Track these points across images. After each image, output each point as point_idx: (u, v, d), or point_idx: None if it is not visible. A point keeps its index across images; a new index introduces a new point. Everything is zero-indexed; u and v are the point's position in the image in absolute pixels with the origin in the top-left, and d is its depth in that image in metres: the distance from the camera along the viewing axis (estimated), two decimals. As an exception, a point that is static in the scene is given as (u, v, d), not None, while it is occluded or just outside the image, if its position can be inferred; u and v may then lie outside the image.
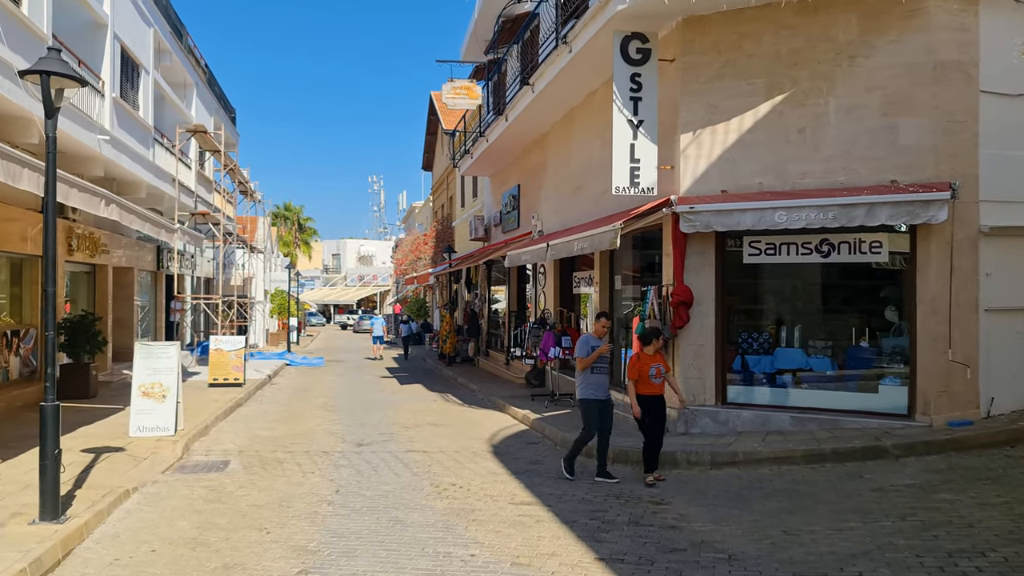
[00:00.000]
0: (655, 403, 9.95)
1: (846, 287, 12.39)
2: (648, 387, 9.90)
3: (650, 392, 9.91)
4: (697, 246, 12.22)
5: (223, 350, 20.49)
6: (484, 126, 23.24)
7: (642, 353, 10.06)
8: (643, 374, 9.86)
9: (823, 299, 12.71)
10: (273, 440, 13.12)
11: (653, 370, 9.89)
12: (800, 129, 11.65)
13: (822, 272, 12.25)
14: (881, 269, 11.72)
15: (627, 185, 12.32)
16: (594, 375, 10.15)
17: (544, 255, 15.44)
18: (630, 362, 10.01)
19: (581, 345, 10.24)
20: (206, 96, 29.65)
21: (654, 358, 10.00)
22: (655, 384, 9.92)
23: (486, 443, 12.89)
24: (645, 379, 9.87)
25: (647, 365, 9.91)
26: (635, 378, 9.87)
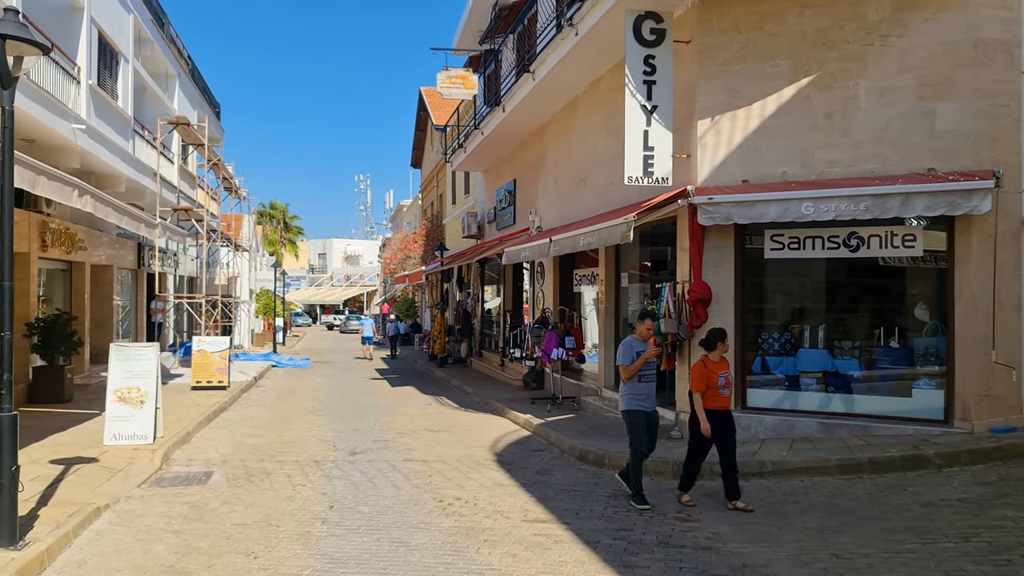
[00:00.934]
0: (724, 418, 8.54)
1: (874, 284, 11.61)
2: (716, 399, 8.51)
3: (718, 406, 8.51)
4: (715, 240, 11.42)
5: (206, 351, 19.56)
6: (479, 119, 22.40)
7: (707, 360, 8.61)
8: (712, 384, 8.45)
9: (849, 297, 11.93)
10: (260, 448, 12.24)
11: (722, 380, 8.49)
12: (828, 114, 10.87)
13: (848, 268, 11.47)
14: (912, 265, 10.97)
15: (640, 175, 11.50)
16: (641, 384, 8.87)
17: (546, 251, 14.61)
18: (695, 371, 8.57)
19: (624, 350, 8.91)
20: (189, 89, 28.68)
21: (721, 365, 8.60)
22: (723, 396, 8.55)
23: (488, 451, 12.05)
24: (714, 390, 8.46)
25: (715, 374, 8.49)
26: (702, 389, 8.45)
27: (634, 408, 8.86)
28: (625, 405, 8.95)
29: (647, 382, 8.92)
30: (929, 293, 11.13)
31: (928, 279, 11.07)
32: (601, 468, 10.60)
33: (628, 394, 8.92)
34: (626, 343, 9.00)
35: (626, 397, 8.95)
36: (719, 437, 8.49)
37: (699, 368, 8.59)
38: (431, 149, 41.72)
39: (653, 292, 14.06)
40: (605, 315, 15.30)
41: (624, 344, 9.01)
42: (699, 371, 8.55)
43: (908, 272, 11.15)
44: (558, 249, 14.05)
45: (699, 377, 8.51)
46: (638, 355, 8.80)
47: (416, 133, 44.44)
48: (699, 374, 8.53)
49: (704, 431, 8.39)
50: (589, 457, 10.98)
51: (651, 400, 8.95)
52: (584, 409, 14.96)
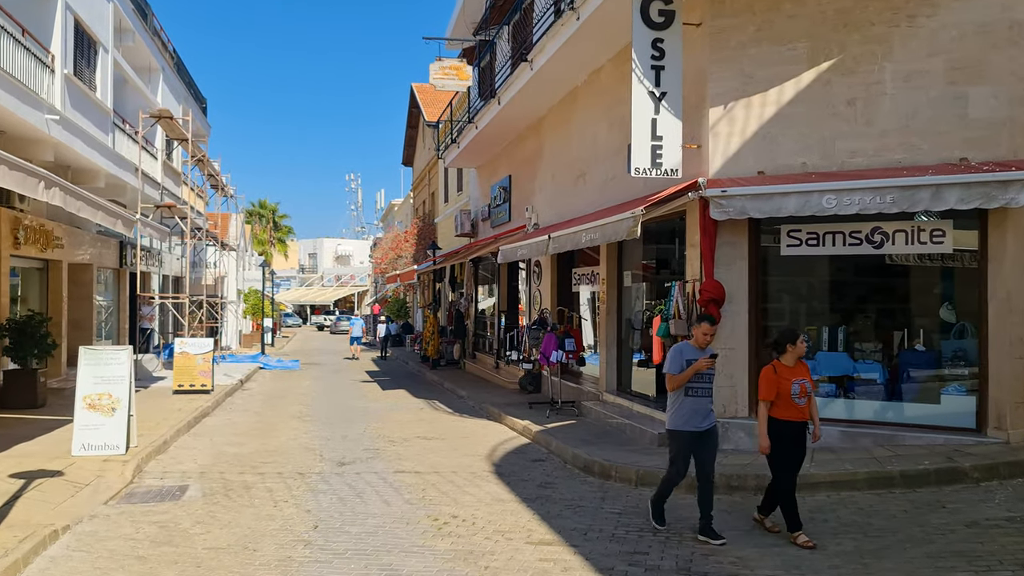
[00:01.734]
0: (797, 432, 7.34)
1: (897, 283, 10.92)
2: (788, 409, 7.28)
3: (791, 416, 7.29)
4: (728, 236, 10.70)
5: (189, 354, 18.74)
6: (473, 112, 21.66)
7: (778, 364, 7.37)
8: (783, 392, 7.26)
9: (870, 296, 11.22)
10: (241, 458, 11.45)
11: (796, 387, 7.25)
12: (850, 100, 10.16)
13: (870, 266, 10.75)
14: (938, 262, 10.26)
15: (648, 166, 10.77)
16: (690, 398, 7.47)
17: (544, 249, 13.87)
18: (763, 377, 7.39)
19: (673, 357, 7.55)
20: (174, 82, 27.84)
21: (796, 370, 7.35)
22: (798, 406, 7.29)
23: (485, 460, 11.30)
24: (785, 399, 7.26)
25: (787, 380, 7.26)
26: (770, 398, 7.29)
27: (679, 428, 7.52)
28: (669, 423, 7.66)
29: (698, 396, 7.50)
30: (956, 292, 10.46)
31: (954, 277, 10.39)
32: (608, 480, 9.85)
33: (675, 410, 7.56)
34: (676, 349, 7.66)
35: (671, 414, 7.61)
36: (792, 450, 7.36)
37: (768, 374, 7.36)
38: (423, 146, 40.96)
39: (658, 291, 13.34)
40: (607, 316, 14.56)
41: (674, 350, 7.68)
42: (767, 378, 7.35)
43: (933, 270, 10.45)
44: (557, 246, 13.31)
45: (767, 384, 7.32)
46: (688, 364, 7.44)
47: (407, 130, 43.68)
48: (767, 381, 7.33)
49: (762, 448, 7.30)
50: (595, 468, 10.24)
51: (703, 416, 7.52)
52: (585, 415, 14.22)
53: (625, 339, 14.44)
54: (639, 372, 13.95)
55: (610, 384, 14.51)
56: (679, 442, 7.58)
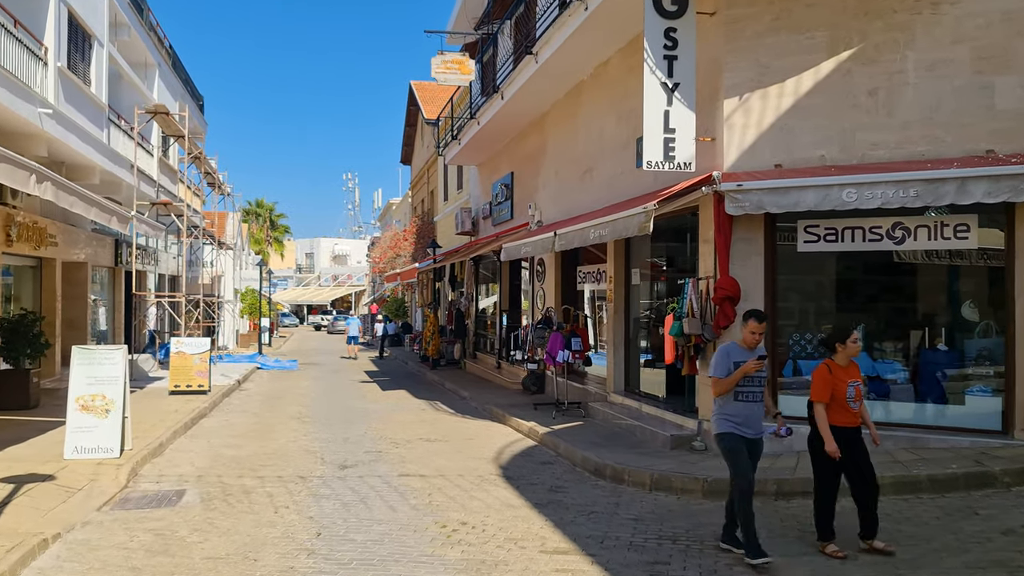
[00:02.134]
0: (852, 438, 6.79)
1: (917, 280, 10.58)
2: (842, 414, 6.75)
3: (844, 422, 6.76)
4: (743, 231, 10.36)
5: (186, 353, 18.36)
6: (475, 108, 21.30)
7: (832, 363, 6.86)
8: (838, 395, 6.72)
9: (890, 294, 10.88)
10: (239, 461, 11.09)
11: (851, 390, 6.74)
12: (871, 91, 9.82)
13: (889, 262, 10.39)
14: (959, 259, 9.93)
15: (660, 159, 10.42)
16: (738, 403, 6.86)
17: (550, 246, 13.52)
18: (817, 377, 6.84)
19: (719, 359, 6.95)
20: (170, 79, 27.48)
21: (850, 371, 6.84)
22: (852, 410, 6.78)
23: (492, 463, 10.94)
24: (840, 402, 6.73)
25: (842, 382, 6.74)
26: (825, 400, 6.74)
27: (729, 431, 6.89)
28: (718, 427, 7.00)
29: (747, 401, 6.88)
30: (979, 289, 10.11)
31: (977, 274, 10.04)
32: (620, 484, 9.50)
33: (721, 415, 6.98)
34: (723, 351, 7.03)
35: (719, 418, 7.00)
36: (847, 462, 6.76)
37: (822, 373, 6.80)
38: (421, 145, 40.59)
39: (669, 289, 13.00)
40: (614, 314, 14.22)
41: (720, 352, 7.03)
42: (822, 377, 6.78)
43: (955, 266, 10.11)
44: (564, 243, 12.96)
45: (822, 384, 6.75)
46: (736, 366, 6.84)
47: (406, 129, 43.28)
48: (822, 380, 6.77)
49: (831, 452, 6.64)
50: (606, 472, 9.88)
51: (753, 422, 6.91)
52: (592, 416, 13.87)
53: (633, 338, 14.10)
54: (648, 372, 13.62)
55: (617, 384, 14.16)
56: (731, 444, 6.86)
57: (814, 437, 6.91)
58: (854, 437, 6.83)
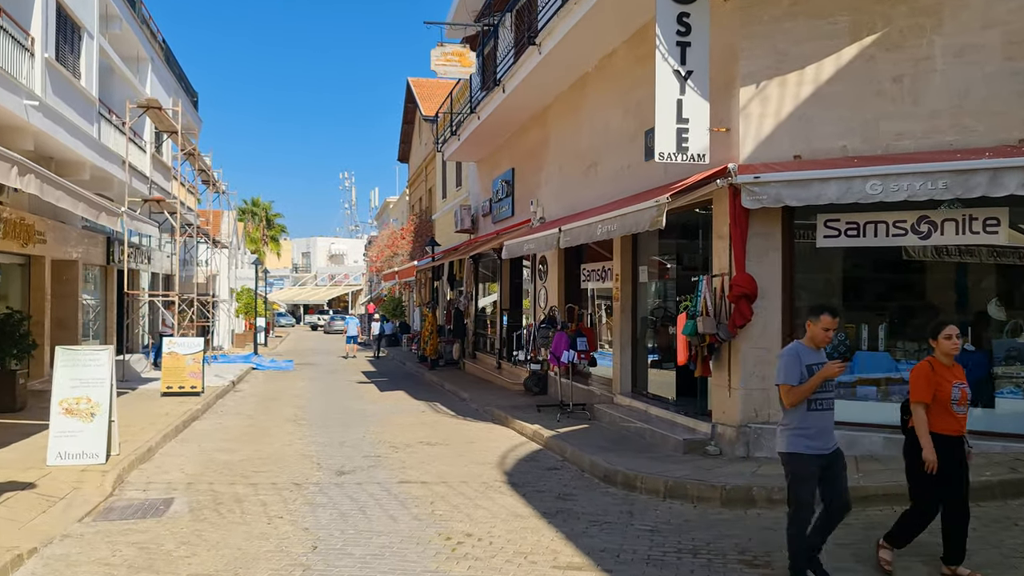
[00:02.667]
0: (954, 448, 5.98)
1: (942, 277, 10.11)
2: (945, 420, 5.96)
3: (949, 429, 5.96)
4: (760, 226, 9.88)
5: (178, 354, 17.86)
6: (474, 103, 20.83)
7: (935, 361, 6.05)
8: (941, 397, 5.93)
9: (913, 291, 10.41)
10: (232, 466, 10.60)
11: (956, 391, 5.94)
12: (896, 77, 9.35)
13: (912, 258, 9.92)
14: (983, 255, 9.47)
15: (673, 151, 9.95)
16: (814, 413, 5.89)
17: (554, 242, 13.05)
18: (917, 375, 6.05)
19: (788, 362, 5.93)
20: (163, 74, 26.95)
21: (954, 371, 6.04)
22: (956, 415, 5.97)
23: (496, 469, 10.46)
24: (943, 405, 5.94)
25: (947, 382, 5.95)
26: (927, 400, 5.94)
27: (799, 451, 5.88)
28: (786, 445, 5.97)
29: (822, 410, 5.92)
30: (1007, 287, 9.66)
31: (1004, 271, 9.57)
32: (632, 492, 9.03)
33: (791, 428, 5.93)
34: (791, 353, 6.00)
35: (788, 432, 5.96)
36: (947, 475, 5.94)
37: (924, 371, 6.00)
38: (419, 142, 40.13)
39: (679, 287, 12.53)
40: (621, 313, 13.74)
41: (788, 355, 6.01)
42: (924, 375, 5.98)
43: (982, 264, 9.64)
44: (570, 239, 12.49)
45: (924, 383, 5.94)
46: (810, 371, 5.86)
47: (403, 126, 42.83)
48: (924, 379, 5.96)
49: (928, 462, 5.87)
50: (617, 478, 9.40)
51: (827, 435, 5.96)
52: (598, 418, 13.39)
53: (641, 338, 13.63)
54: (656, 373, 13.14)
55: (624, 386, 13.69)
56: (800, 469, 5.89)
57: (911, 446, 6.13)
58: (957, 448, 5.99)
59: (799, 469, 5.90)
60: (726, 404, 10.14)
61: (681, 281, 12.66)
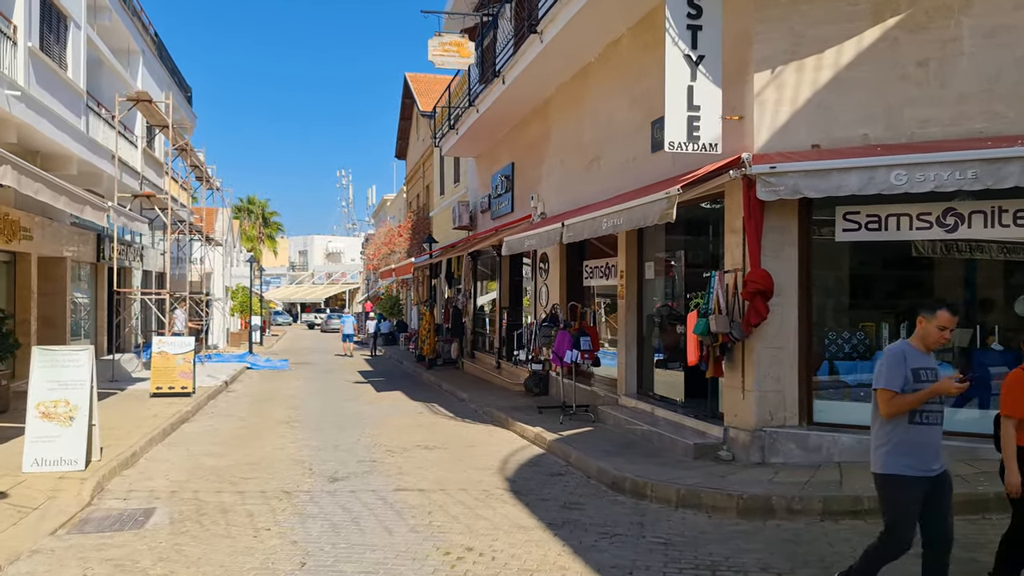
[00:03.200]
0: None
1: (968, 273, 9.59)
2: None
3: None
4: (776, 219, 9.37)
5: (168, 353, 17.32)
6: (473, 96, 20.31)
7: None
8: None
9: (937, 288, 9.88)
10: (220, 473, 10.07)
11: None
12: (921, 61, 8.84)
13: (936, 253, 9.42)
14: (1011, 251, 8.97)
15: (684, 140, 9.45)
16: (917, 427, 5.04)
17: (557, 238, 12.54)
18: (1013, 385, 5.27)
19: (891, 365, 5.06)
20: (156, 68, 26.40)
21: None
22: None
23: (497, 475, 9.95)
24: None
25: None
26: (1020, 416, 5.21)
27: (899, 472, 5.04)
28: (884, 465, 5.11)
29: (928, 424, 5.06)
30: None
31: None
32: (642, 500, 8.52)
33: (892, 444, 5.08)
34: (896, 353, 5.13)
35: (887, 450, 5.10)
36: None
37: (1019, 381, 5.24)
38: (417, 138, 39.60)
39: (688, 284, 12.03)
40: (626, 311, 13.22)
41: (893, 355, 5.13)
42: (1020, 385, 5.23)
43: (1009, 259, 9.14)
44: (573, 234, 11.97)
45: (1019, 395, 5.21)
46: (916, 376, 5.01)
47: (401, 122, 42.32)
48: (1020, 390, 5.21)
49: (1011, 488, 5.19)
50: (625, 485, 8.89)
51: (932, 456, 5.08)
52: (602, 421, 12.89)
53: (647, 337, 13.11)
54: (663, 373, 12.64)
55: (629, 387, 13.18)
56: (905, 494, 5.04)
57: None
58: None
59: (898, 494, 5.07)
60: (739, 407, 9.63)
61: (689, 278, 12.16)
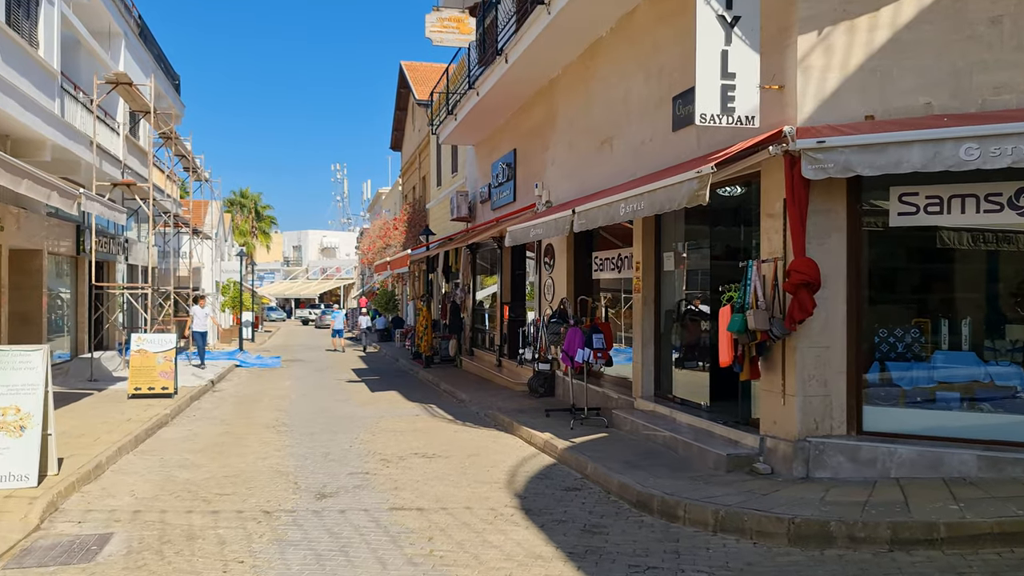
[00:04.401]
0: None
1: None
2: None
3: None
4: (821, 202, 8.27)
5: (148, 351, 16.19)
6: (473, 78, 19.17)
7: None
8: None
9: (1005, 279, 8.77)
10: (193, 487, 8.96)
11: None
12: (993, 18, 7.74)
13: (1004, 240, 8.33)
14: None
15: (717, 112, 8.33)
16: None
17: (566, 227, 11.45)
18: None
19: None
20: (139, 52, 25.18)
21: None
22: None
23: (505, 490, 8.86)
24: None
25: None
26: None
27: None
28: None
29: None
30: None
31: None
32: (673, 522, 7.43)
33: None
34: None
35: None
36: None
37: None
38: (413, 128, 38.45)
39: (713, 276, 10.95)
40: (643, 306, 12.12)
41: None
42: None
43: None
44: (586, 222, 10.86)
45: None
46: None
47: (396, 113, 41.12)
48: None
49: None
50: (652, 504, 7.80)
51: None
52: (617, 426, 11.80)
53: (665, 334, 12.02)
54: (683, 374, 11.56)
55: (646, 388, 12.07)
56: None
57: None
58: None
59: None
60: (778, 413, 8.54)
61: (714, 270, 11.09)
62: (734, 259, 10.34)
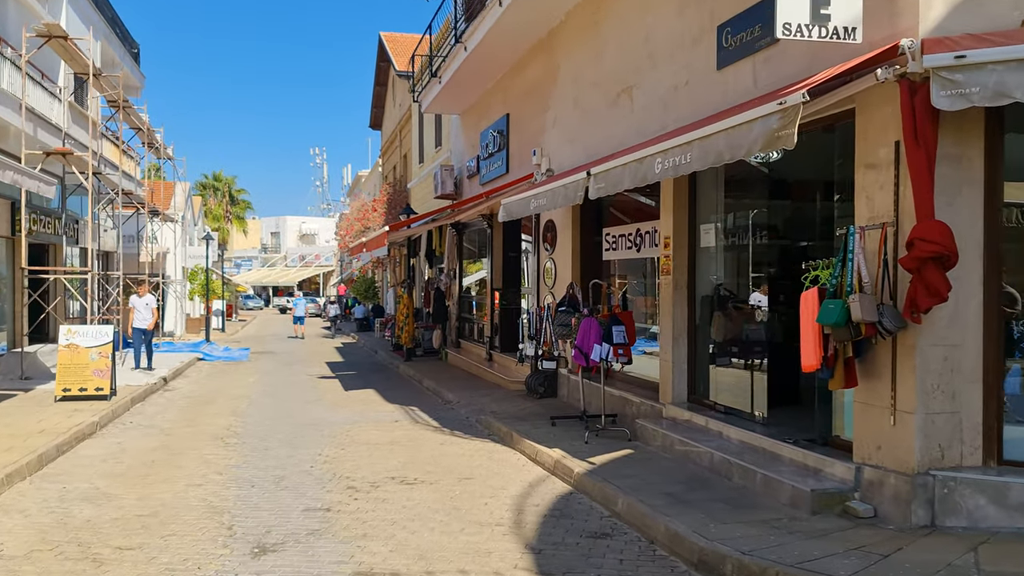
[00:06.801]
0: None
1: None
2: None
3: None
4: (949, 145, 6.00)
5: (79, 346, 13.75)
6: (459, 33, 16.82)
7: None
8: None
9: None
10: (88, 535, 6.60)
11: None
12: None
13: None
14: None
15: (805, 22, 6.06)
16: None
17: (577, 194, 9.19)
18: None
19: None
20: (86, 10, 22.52)
21: None
22: None
23: (512, 536, 6.56)
24: None
25: None
26: None
27: None
28: None
29: None
30: None
31: None
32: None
33: None
34: None
35: None
36: None
37: None
38: (393, 104, 35.99)
39: (768, 254, 8.68)
40: (673, 292, 9.81)
41: None
42: None
43: None
44: (606, 186, 8.60)
45: None
46: None
47: (375, 88, 38.60)
48: None
49: None
50: (725, 569, 5.52)
51: None
52: (644, 440, 9.51)
53: (701, 325, 9.74)
54: (726, 373, 9.30)
55: (678, 392, 9.79)
56: None
57: None
58: None
59: None
60: (885, 435, 6.27)
61: (759, 249, 8.86)
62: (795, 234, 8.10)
